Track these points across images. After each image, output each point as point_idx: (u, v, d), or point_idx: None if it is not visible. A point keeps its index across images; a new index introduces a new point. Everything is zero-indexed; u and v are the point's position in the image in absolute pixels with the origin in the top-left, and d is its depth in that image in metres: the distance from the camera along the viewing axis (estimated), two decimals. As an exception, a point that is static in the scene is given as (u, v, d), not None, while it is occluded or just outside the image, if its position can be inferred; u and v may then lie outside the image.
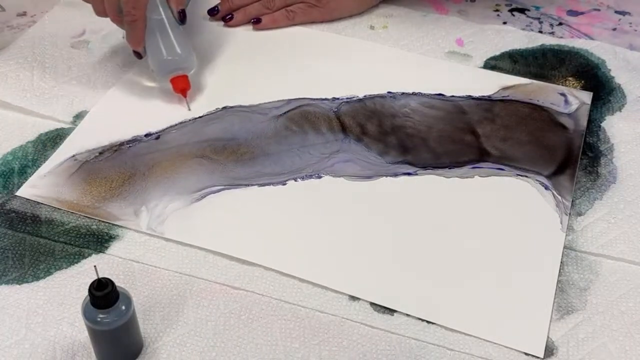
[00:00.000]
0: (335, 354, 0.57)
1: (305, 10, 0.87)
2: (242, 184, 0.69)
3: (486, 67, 0.83)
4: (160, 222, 0.65)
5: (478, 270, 0.63)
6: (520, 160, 0.72)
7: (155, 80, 0.79)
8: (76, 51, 0.84)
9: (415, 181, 0.70)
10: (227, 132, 0.74)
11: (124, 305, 0.53)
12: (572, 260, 0.64)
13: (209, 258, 0.63)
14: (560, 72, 0.83)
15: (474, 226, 0.66)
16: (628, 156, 0.73)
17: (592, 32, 0.89)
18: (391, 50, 0.85)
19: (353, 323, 0.59)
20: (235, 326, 0.59)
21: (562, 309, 0.61)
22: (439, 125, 0.76)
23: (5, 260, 0.63)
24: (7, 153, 0.72)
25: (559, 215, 0.67)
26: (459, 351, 0.58)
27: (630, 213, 0.68)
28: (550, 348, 0.58)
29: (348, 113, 0.77)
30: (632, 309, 0.61)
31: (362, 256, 0.64)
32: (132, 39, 0.75)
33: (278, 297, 0.61)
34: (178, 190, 0.68)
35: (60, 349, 0.57)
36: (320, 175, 0.70)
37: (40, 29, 0.86)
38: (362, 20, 0.89)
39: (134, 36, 0.75)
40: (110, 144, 0.73)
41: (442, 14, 0.91)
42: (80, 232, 0.65)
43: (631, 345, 0.58)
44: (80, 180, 0.69)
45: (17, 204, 0.67)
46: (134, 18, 0.73)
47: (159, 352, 0.57)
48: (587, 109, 0.78)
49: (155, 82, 0.79)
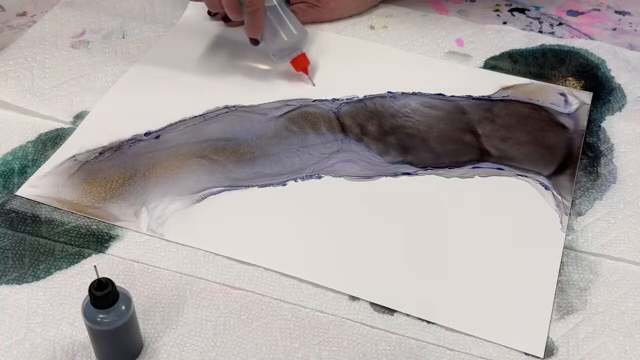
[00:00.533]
0: (335, 354, 0.57)
1: (305, 10, 0.87)
2: (242, 185, 0.69)
3: (486, 67, 0.83)
4: (160, 224, 0.65)
5: (478, 270, 0.63)
6: (520, 160, 0.72)
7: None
8: (76, 51, 0.84)
9: (415, 181, 0.70)
10: (227, 132, 0.74)
11: (124, 305, 0.53)
12: (572, 260, 0.64)
13: (209, 258, 0.63)
14: (560, 72, 0.83)
15: (474, 226, 0.66)
16: (628, 156, 0.73)
17: (592, 32, 0.89)
18: (391, 50, 0.85)
19: (353, 323, 0.59)
20: (235, 326, 0.59)
21: (562, 309, 0.61)
22: (439, 125, 0.76)
23: (5, 260, 0.63)
24: (7, 153, 0.72)
25: (559, 215, 0.67)
26: (459, 351, 0.58)
27: (630, 213, 0.68)
28: (550, 348, 0.58)
29: (348, 113, 0.77)
30: (632, 309, 0.61)
31: (362, 256, 0.64)
32: (252, 27, 0.77)
33: (278, 297, 0.61)
34: (178, 191, 0.68)
35: (60, 349, 0.57)
36: (320, 175, 0.70)
37: (40, 29, 0.86)
38: (362, 20, 0.89)
39: (254, 24, 0.77)
40: (110, 144, 0.73)
41: (442, 14, 0.91)
42: (80, 232, 0.65)
43: (631, 345, 0.58)
44: (80, 180, 0.69)
45: (17, 204, 0.67)
46: (256, 7, 0.75)
47: (159, 352, 0.57)
48: (587, 109, 0.78)
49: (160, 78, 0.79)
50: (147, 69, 0.81)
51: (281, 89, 0.79)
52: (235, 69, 0.82)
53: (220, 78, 0.81)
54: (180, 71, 0.81)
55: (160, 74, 0.80)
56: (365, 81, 0.80)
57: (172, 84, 0.79)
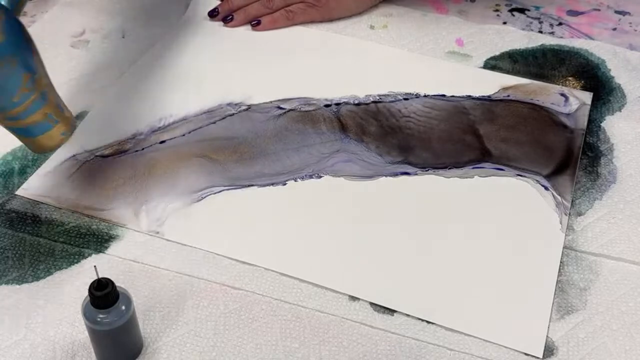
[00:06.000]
0: (335, 354, 0.57)
1: (304, 10, 0.87)
2: (242, 185, 0.69)
3: (486, 67, 0.83)
4: (160, 224, 0.65)
5: (478, 270, 0.63)
6: (520, 160, 0.72)
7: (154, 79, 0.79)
8: (76, 51, 0.84)
9: (415, 181, 0.70)
10: (227, 131, 0.74)
11: (124, 305, 0.53)
12: (572, 260, 0.64)
13: (209, 258, 0.63)
14: (560, 72, 0.83)
15: (474, 226, 0.66)
16: (628, 156, 0.73)
17: (592, 32, 0.89)
18: (391, 50, 0.85)
19: (353, 323, 0.59)
20: (235, 326, 0.59)
21: (562, 309, 0.61)
22: (439, 125, 0.76)
23: (5, 260, 0.63)
24: (7, 153, 0.72)
25: (558, 215, 0.67)
26: (459, 351, 0.58)
27: (630, 213, 0.68)
28: (550, 348, 0.58)
29: (348, 113, 0.77)
30: (632, 309, 0.61)
31: (362, 256, 0.64)
32: None
33: (278, 297, 0.61)
34: (178, 190, 0.68)
35: (60, 349, 0.57)
36: (320, 175, 0.70)
37: (40, 29, 0.86)
38: (362, 20, 0.89)
39: None
40: (110, 144, 0.73)
41: (442, 14, 0.91)
42: (80, 232, 0.65)
43: (631, 345, 0.58)
44: (80, 180, 0.69)
45: (17, 204, 0.67)
46: None
47: (159, 352, 0.57)
48: (587, 109, 0.78)
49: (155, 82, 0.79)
50: (147, 69, 0.81)
51: (281, 89, 0.79)
52: (235, 68, 0.82)
53: (220, 78, 0.81)
54: (180, 71, 0.81)
55: (160, 74, 0.80)
56: (365, 81, 0.80)
57: (172, 83, 0.79)
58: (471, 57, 0.85)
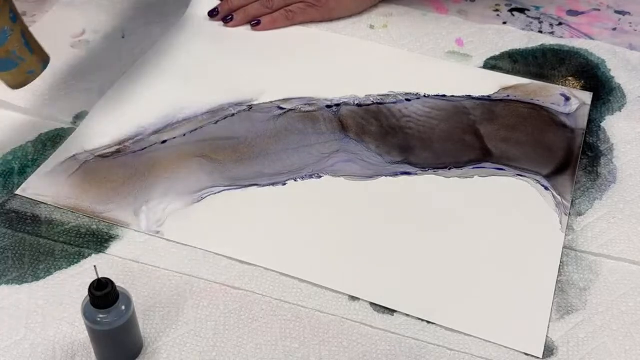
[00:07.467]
0: (335, 354, 0.57)
1: (304, 10, 0.87)
2: (242, 185, 0.69)
3: (486, 67, 0.83)
4: (160, 224, 0.65)
5: (478, 270, 0.63)
6: (520, 160, 0.72)
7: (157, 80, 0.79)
8: (76, 51, 0.84)
9: (415, 181, 0.70)
10: (228, 131, 0.74)
11: (124, 305, 0.53)
12: (572, 260, 0.64)
13: (209, 258, 0.63)
14: (560, 72, 0.83)
15: (474, 226, 0.66)
16: (628, 156, 0.73)
17: (592, 32, 0.89)
18: (391, 50, 0.85)
19: (353, 323, 0.59)
20: (235, 326, 0.59)
21: (562, 309, 0.61)
22: (439, 125, 0.76)
23: (5, 260, 0.63)
24: (7, 153, 0.72)
25: (558, 215, 0.67)
26: (459, 351, 0.58)
27: (630, 213, 0.68)
28: (550, 348, 0.58)
29: (348, 113, 0.77)
30: (632, 309, 0.61)
31: (362, 256, 0.64)
32: None
33: (278, 297, 0.61)
34: (178, 190, 0.68)
35: (60, 349, 0.57)
36: (320, 175, 0.70)
37: (40, 29, 0.86)
38: (362, 20, 0.89)
39: None
40: (110, 144, 0.73)
41: (442, 13, 0.91)
42: (80, 232, 0.65)
43: (631, 345, 0.58)
44: (80, 180, 0.69)
45: (17, 204, 0.67)
46: None
47: (159, 352, 0.57)
48: (587, 109, 0.78)
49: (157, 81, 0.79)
50: (147, 69, 0.81)
51: (281, 88, 0.79)
52: (235, 68, 0.82)
53: (220, 78, 0.81)
54: (180, 71, 0.81)
55: (160, 74, 0.80)
56: (365, 81, 0.80)
57: (172, 83, 0.79)
58: (471, 57, 0.85)
